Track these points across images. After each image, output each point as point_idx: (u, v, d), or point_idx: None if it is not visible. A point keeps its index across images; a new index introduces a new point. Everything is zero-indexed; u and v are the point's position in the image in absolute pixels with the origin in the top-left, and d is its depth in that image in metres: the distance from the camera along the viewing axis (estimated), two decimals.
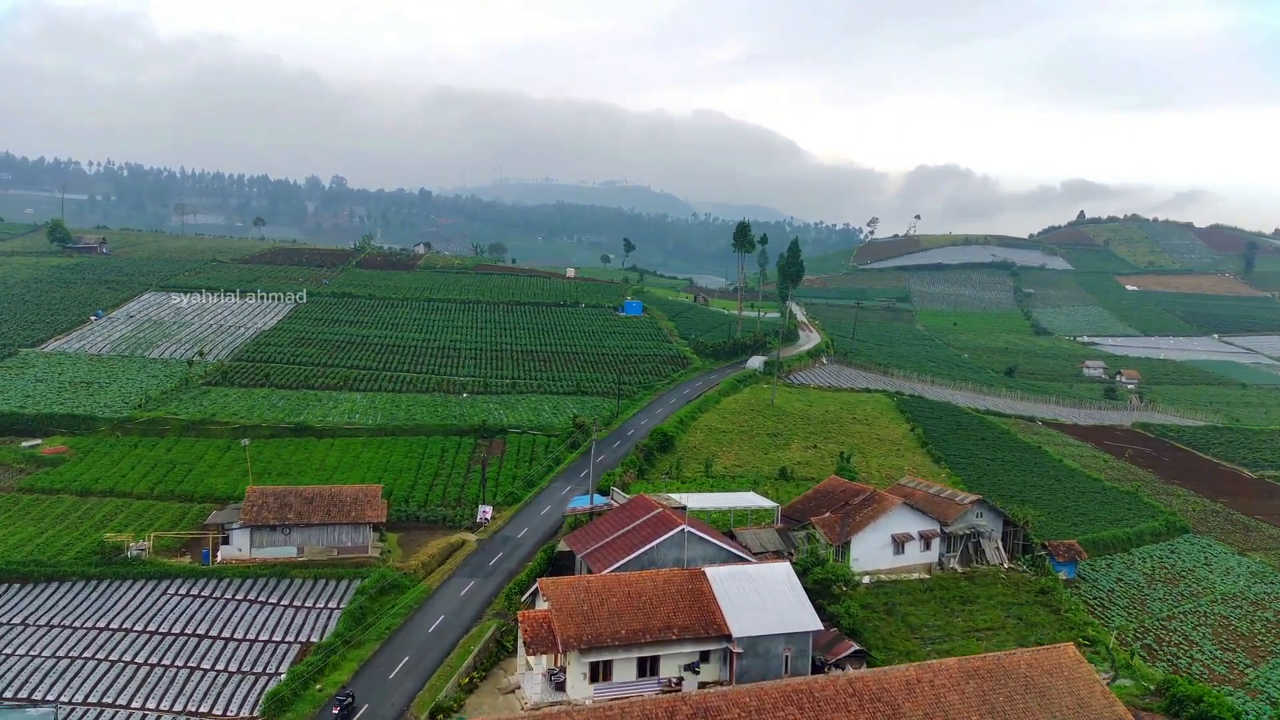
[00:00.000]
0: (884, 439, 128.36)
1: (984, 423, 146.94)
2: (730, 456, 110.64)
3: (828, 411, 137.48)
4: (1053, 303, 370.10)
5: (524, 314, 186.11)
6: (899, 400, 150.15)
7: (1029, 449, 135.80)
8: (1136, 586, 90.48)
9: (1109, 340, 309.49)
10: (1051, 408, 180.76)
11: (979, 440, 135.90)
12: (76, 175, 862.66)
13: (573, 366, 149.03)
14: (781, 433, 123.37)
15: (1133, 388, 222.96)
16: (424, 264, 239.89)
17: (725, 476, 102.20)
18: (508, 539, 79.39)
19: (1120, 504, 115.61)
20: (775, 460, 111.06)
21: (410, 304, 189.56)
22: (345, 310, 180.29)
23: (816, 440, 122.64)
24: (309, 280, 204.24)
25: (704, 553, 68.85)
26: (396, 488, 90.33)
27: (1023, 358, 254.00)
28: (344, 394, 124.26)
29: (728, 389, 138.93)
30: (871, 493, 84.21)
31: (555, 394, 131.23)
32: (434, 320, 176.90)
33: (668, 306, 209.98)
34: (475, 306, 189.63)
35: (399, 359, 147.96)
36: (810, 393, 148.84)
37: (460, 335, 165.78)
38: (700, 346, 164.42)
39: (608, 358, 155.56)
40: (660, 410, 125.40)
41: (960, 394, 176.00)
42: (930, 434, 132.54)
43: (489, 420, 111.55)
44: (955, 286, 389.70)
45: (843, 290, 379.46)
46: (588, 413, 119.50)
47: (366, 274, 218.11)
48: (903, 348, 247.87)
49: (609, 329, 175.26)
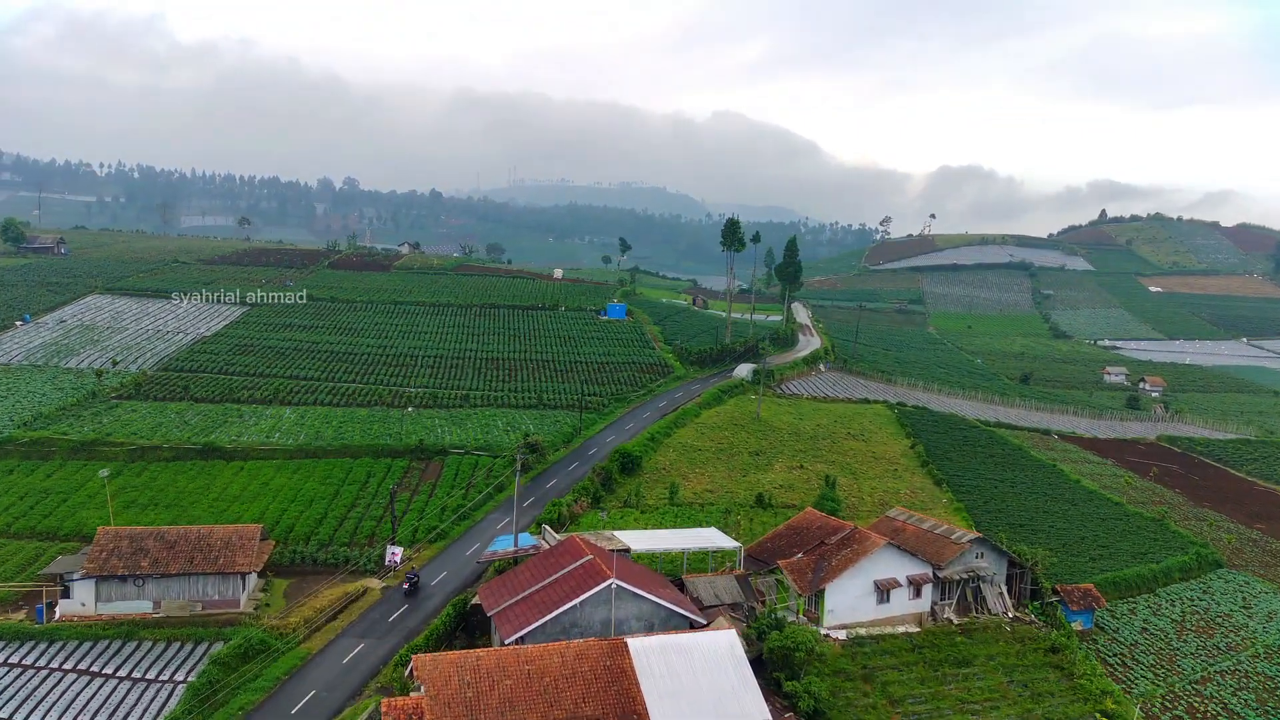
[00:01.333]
0: (880, 457, 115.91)
1: (993, 438, 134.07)
2: (702, 479, 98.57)
3: (819, 426, 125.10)
4: (1072, 305, 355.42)
5: (497, 318, 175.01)
6: (900, 413, 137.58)
7: (1042, 468, 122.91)
8: (1164, 638, 77.72)
9: (1131, 344, 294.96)
10: (1069, 419, 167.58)
11: (987, 458, 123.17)
12: (88, 178, 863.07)
13: (541, 376, 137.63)
14: (765, 451, 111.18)
15: (1157, 395, 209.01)
16: (401, 265, 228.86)
17: (693, 504, 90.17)
18: (420, 587, 67.61)
19: (1144, 533, 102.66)
20: (754, 484, 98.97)
21: (375, 307, 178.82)
22: (303, 314, 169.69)
23: (804, 459, 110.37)
24: (272, 281, 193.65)
25: (638, 611, 57.02)
26: (301, 521, 78.85)
27: (1039, 363, 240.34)
28: (272, 408, 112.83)
29: (710, 400, 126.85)
30: (852, 530, 71.97)
31: (514, 407, 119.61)
32: (396, 325, 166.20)
33: (657, 310, 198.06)
34: (445, 310, 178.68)
35: (347, 368, 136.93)
36: (802, 404, 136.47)
37: (422, 341, 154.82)
38: (684, 353, 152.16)
39: (581, 366, 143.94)
40: (631, 425, 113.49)
41: (969, 404, 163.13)
42: (932, 451, 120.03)
43: (427, 440, 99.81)
44: (970, 288, 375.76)
45: (853, 292, 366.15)
46: (547, 429, 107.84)
47: (337, 275, 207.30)
48: (911, 352, 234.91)
49: (588, 334, 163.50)
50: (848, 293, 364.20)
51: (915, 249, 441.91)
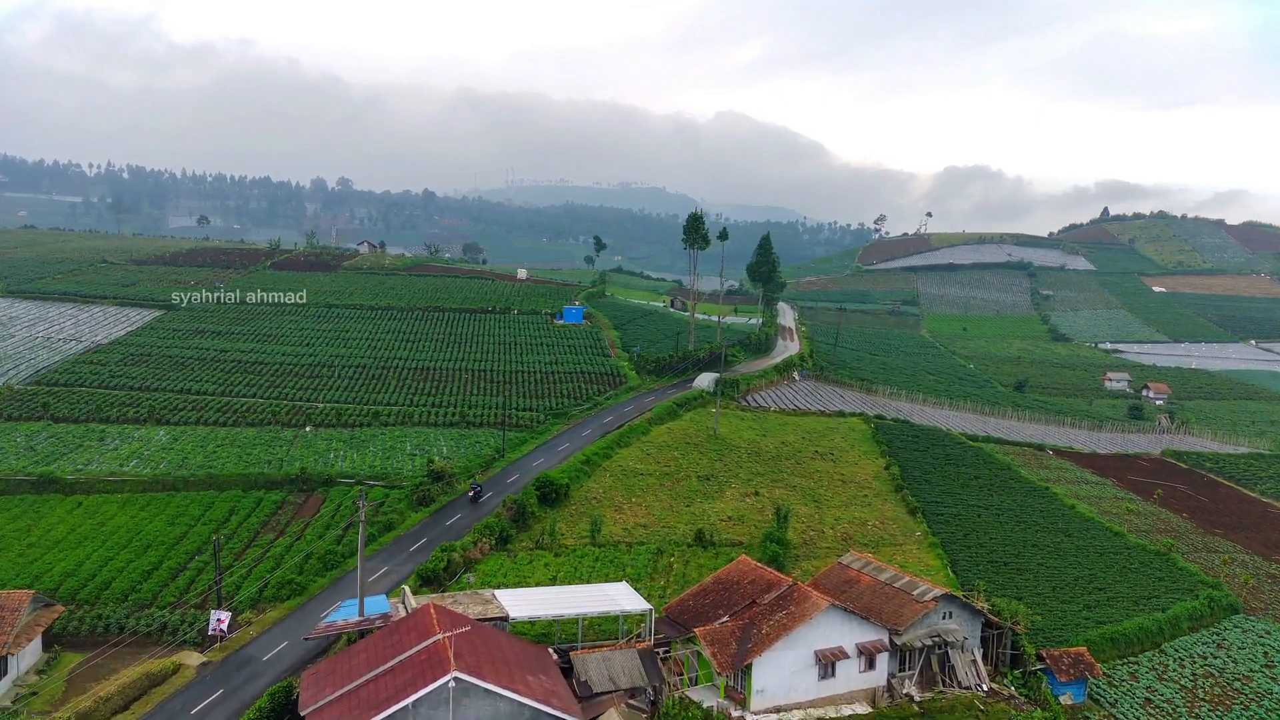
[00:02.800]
0: (849, 480, 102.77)
1: (980, 455, 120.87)
2: (638, 511, 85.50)
3: (784, 444, 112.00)
4: (1072, 305, 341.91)
5: (441, 322, 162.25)
6: (877, 427, 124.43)
7: (1033, 491, 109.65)
8: (1172, 711, 64.50)
9: (1134, 347, 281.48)
10: (1066, 431, 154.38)
11: (971, 480, 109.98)
12: (78, 178, 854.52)
13: (473, 388, 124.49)
14: (717, 474, 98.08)
15: (1161, 404, 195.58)
16: (350, 265, 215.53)
17: (620, 543, 77.12)
18: (247, 662, 54.48)
19: (1148, 571, 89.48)
20: (698, 516, 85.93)
21: (307, 310, 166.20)
22: (221, 318, 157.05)
23: (761, 484, 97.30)
24: (203, 282, 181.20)
25: (493, 712, 44.03)
26: (125, 575, 65.63)
27: (1036, 368, 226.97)
28: (145, 429, 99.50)
29: (662, 415, 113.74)
30: (790, 587, 58.90)
31: (433, 425, 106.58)
32: (325, 330, 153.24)
33: (623, 313, 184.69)
34: (383, 313, 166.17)
35: (251, 380, 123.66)
36: (768, 418, 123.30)
37: (348, 349, 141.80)
38: (642, 362, 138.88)
39: (522, 376, 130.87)
40: (566, 446, 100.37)
41: (957, 416, 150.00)
42: (909, 473, 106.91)
43: (312, 467, 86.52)
44: (967, 288, 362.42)
45: (845, 292, 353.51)
46: (466, 451, 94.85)
47: (278, 276, 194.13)
48: (900, 357, 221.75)
49: (537, 341, 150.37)
50: (839, 294, 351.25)
51: (911, 248, 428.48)
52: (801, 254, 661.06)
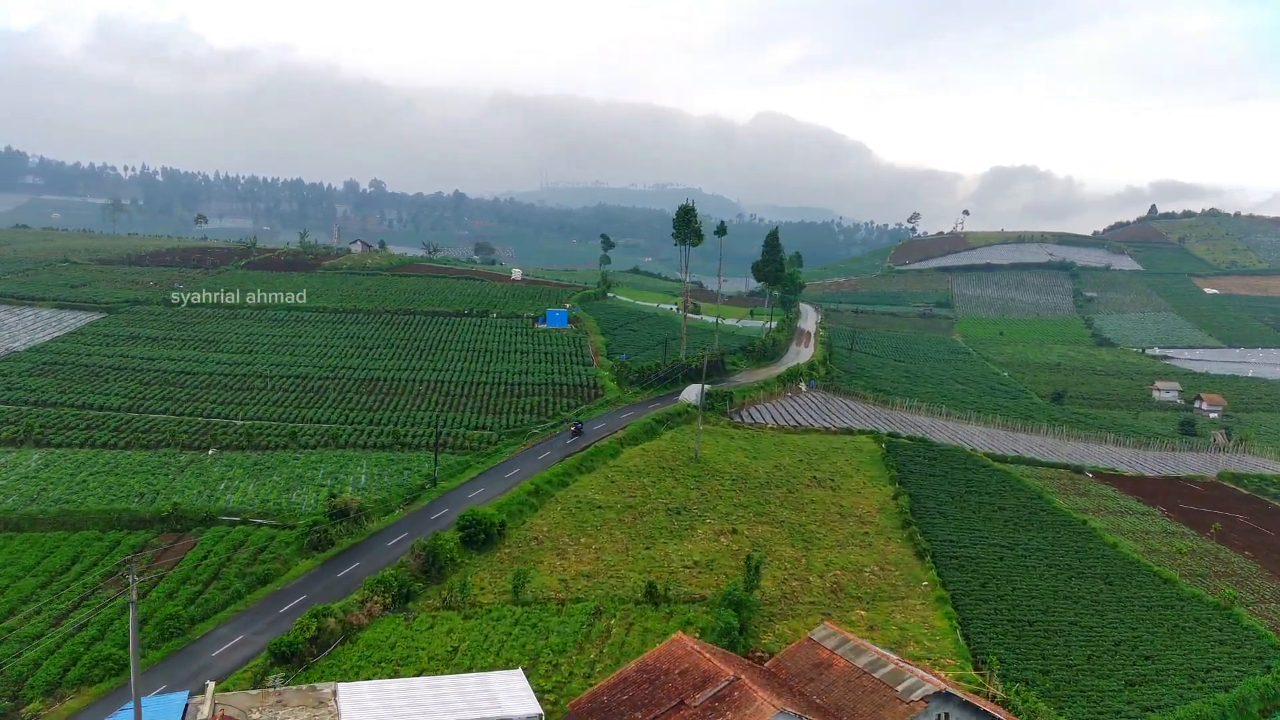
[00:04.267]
0: (849, 513, 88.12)
1: (1007, 481, 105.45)
2: (584, 556, 71.74)
3: (778, 468, 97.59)
4: (1118, 308, 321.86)
5: (408, 326, 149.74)
6: (889, 447, 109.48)
7: (1068, 525, 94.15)
8: None
9: (1184, 353, 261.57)
10: (1108, 450, 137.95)
11: (994, 511, 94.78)
12: (112, 180, 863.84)
13: (423, 402, 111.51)
14: (691, 507, 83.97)
15: (1216, 417, 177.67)
16: (330, 265, 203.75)
17: (548, 601, 63.30)
18: None
19: (1206, 631, 74.11)
20: (658, 560, 71.97)
21: (264, 313, 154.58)
22: (165, 323, 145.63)
23: (742, 518, 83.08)
24: (163, 283, 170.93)
25: None
26: None
27: (1077, 376, 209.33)
28: (18, 452, 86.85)
29: (638, 434, 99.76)
30: (729, 684, 44.79)
31: (361, 448, 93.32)
32: (275, 335, 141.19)
33: (618, 316, 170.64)
34: (348, 316, 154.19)
35: (170, 393, 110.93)
36: (763, 437, 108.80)
37: (295, 356, 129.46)
38: (623, 371, 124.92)
39: (483, 388, 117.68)
40: (515, 472, 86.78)
41: (984, 432, 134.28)
42: (922, 503, 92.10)
43: (186, 503, 73.46)
44: (1005, 289, 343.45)
45: (874, 294, 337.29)
46: (391, 480, 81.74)
47: (249, 275, 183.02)
48: (929, 364, 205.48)
49: (511, 347, 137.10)
50: (868, 295, 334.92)
51: (945, 247, 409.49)
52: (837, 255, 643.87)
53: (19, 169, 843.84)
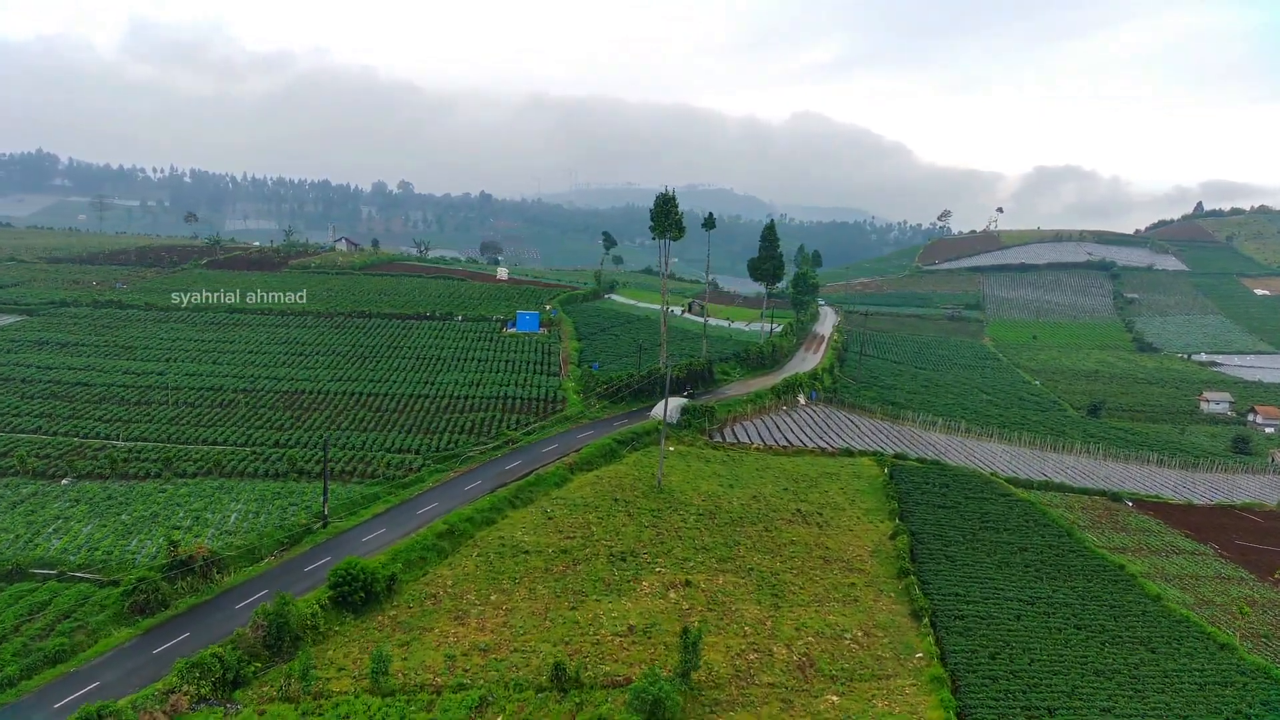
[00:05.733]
0: (836, 558, 73.54)
1: (1031, 513, 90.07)
2: (490, 620, 57.84)
3: (756, 498, 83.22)
4: (1161, 310, 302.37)
5: (359, 330, 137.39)
6: (893, 472, 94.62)
7: (1102, 570, 78.73)
8: None
9: (1233, 360, 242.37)
10: (1151, 472, 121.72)
11: (1014, 553, 79.58)
12: (142, 182, 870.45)
13: (346, 419, 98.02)
14: (641, 551, 69.85)
15: (1272, 432, 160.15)
16: (298, 264, 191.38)
17: (422, 688, 49.41)
18: None
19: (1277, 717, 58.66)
20: (583, 626, 57.97)
21: (199, 316, 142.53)
22: (86, 327, 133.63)
23: (703, 565, 68.85)
24: (104, 283, 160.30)
25: None
26: None
27: (1117, 385, 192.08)
28: None
29: (594, 457, 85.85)
30: None
31: (250, 476, 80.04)
32: (203, 341, 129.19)
33: (604, 319, 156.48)
34: (298, 319, 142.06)
35: (50, 409, 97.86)
36: (746, 459, 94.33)
37: (217, 365, 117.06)
38: (591, 382, 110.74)
39: (424, 402, 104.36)
40: (433, 506, 73.05)
41: (1008, 452, 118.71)
42: (926, 544, 77.32)
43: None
44: (1040, 291, 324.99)
45: (901, 295, 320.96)
46: (271, 517, 68.54)
47: (207, 275, 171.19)
48: (953, 371, 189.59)
49: (470, 354, 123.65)
50: (894, 296, 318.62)
51: (977, 246, 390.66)
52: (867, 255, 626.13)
53: (50, 171, 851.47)
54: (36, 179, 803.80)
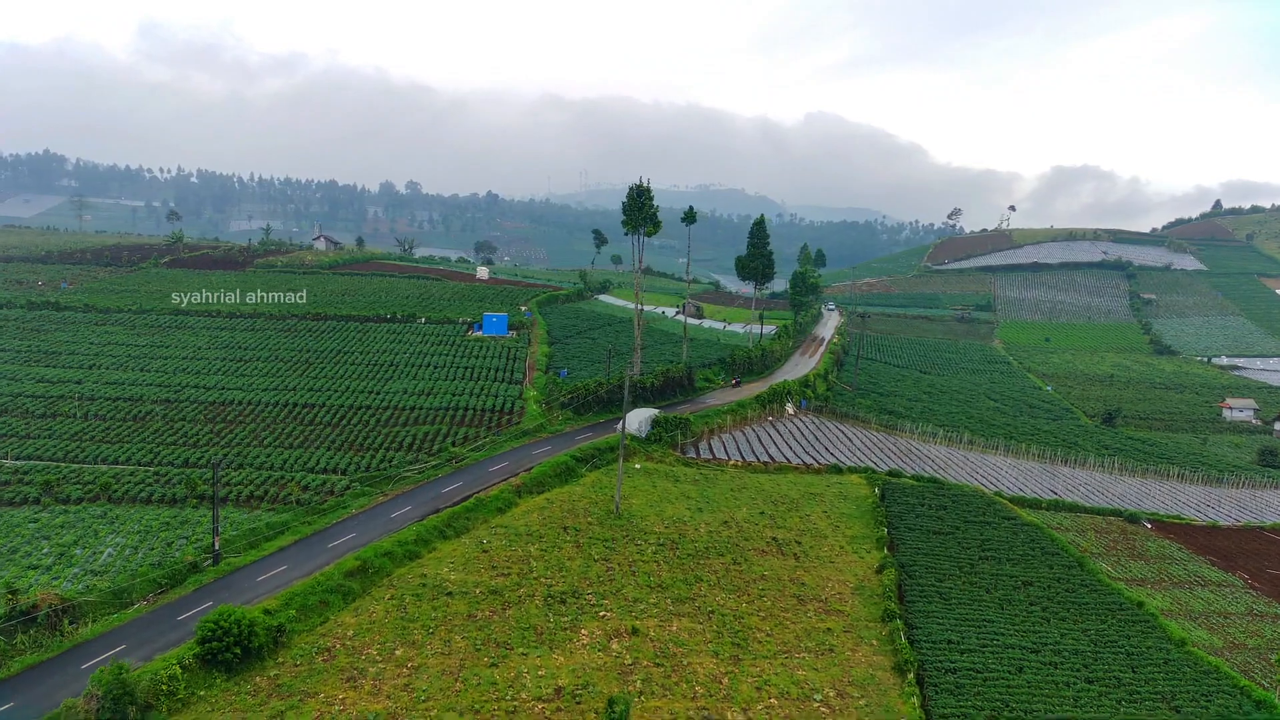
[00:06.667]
0: (812, 596, 64.37)
1: (1038, 539, 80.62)
2: (386, 684, 48.91)
3: (728, 524, 74.11)
4: (1179, 311, 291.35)
5: (312, 334, 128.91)
6: (885, 492, 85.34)
7: (1118, 609, 69.25)
8: None
9: (1255, 363, 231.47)
10: (1171, 488, 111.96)
11: (1018, 588, 70.26)
12: (149, 183, 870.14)
13: (269, 435, 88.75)
14: (585, 590, 60.84)
15: None
16: (264, 262, 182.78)
17: None
18: None
19: None
20: (501, 687, 49.00)
21: (143, 317, 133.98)
22: (9, 331, 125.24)
23: (654, 609, 59.79)
24: (49, 283, 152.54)
25: None
26: None
27: (1133, 391, 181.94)
28: None
29: (546, 477, 76.94)
30: None
31: (142, 502, 71.05)
32: (135, 346, 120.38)
33: (581, 321, 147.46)
34: (246, 322, 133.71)
35: None
36: (721, 478, 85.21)
37: (143, 374, 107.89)
38: (555, 391, 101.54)
39: (366, 414, 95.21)
40: (347, 539, 64.06)
41: (1015, 466, 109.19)
42: (916, 578, 68.11)
43: None
44: (1053, 291, 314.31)
45: (908, 295, 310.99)
46: (157, 551, 59.79)
47: (165, 274, 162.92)
48: (959, 376, 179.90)
49: (427, 360, 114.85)
50: (901, 297, 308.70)
51: (988, 245, 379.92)
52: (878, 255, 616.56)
53: (56, 172, 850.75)
54: (45, 180, 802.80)
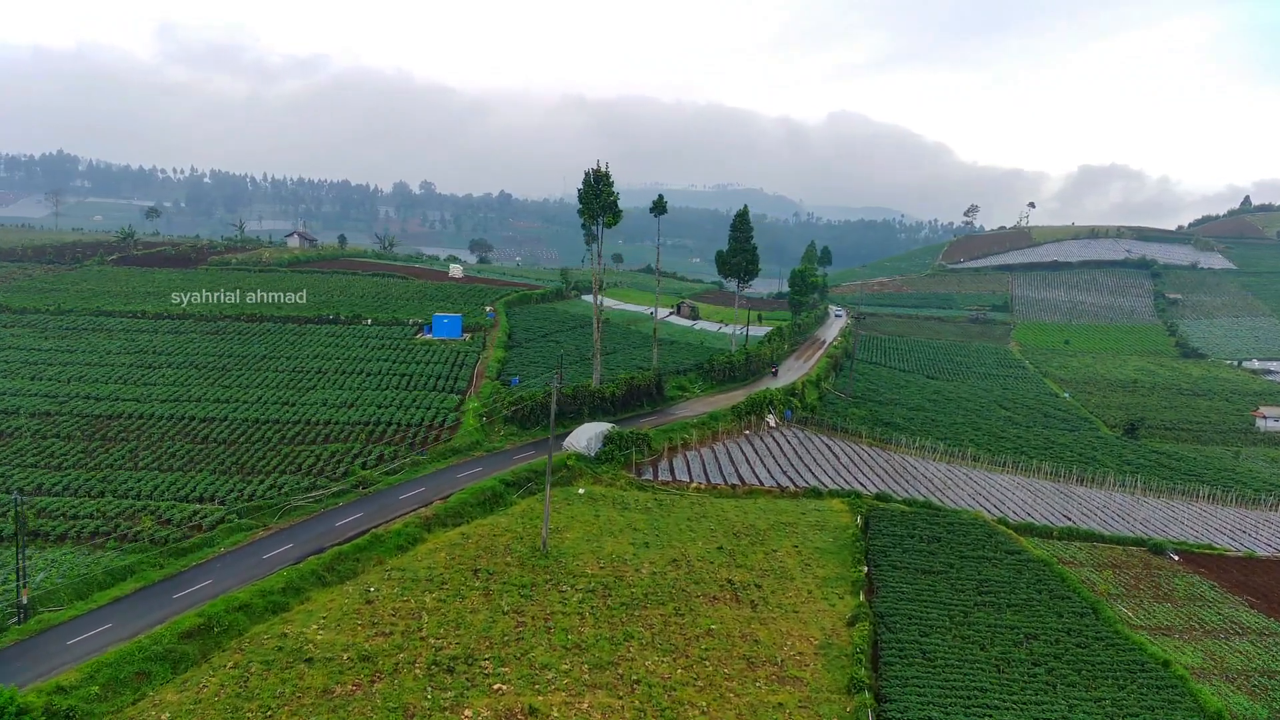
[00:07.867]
0: (765, 659, 53.15)
1: (1046, 578, 68.98)
2: None
3: (677, 563, 62.95)
4: (1207, 312, 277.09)
5: (241, 338, 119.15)
6: (868, 519, 73.92)
7: (1139, 670, 57.60)
8: None
9: None
10: (1200, 511, 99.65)
11: (1020, 641, 58.74)
12: (162, 183, 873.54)
13: (151, 454, 77.88)
14: (481, 654, 49.88)
15: None
16: (218, 260, 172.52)
17: None
18: None
19: None
20: None
21: (67, 318, 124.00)
22: None
23: (565, 677, 48.77)
24: None
25: None
26: None
27: (1158, 398, 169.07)
28: None
29: (468, 505, 66.14)
30: None
31: None
32: (41, 351, 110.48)
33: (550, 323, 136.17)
34: (172, 324, 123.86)
35: None
36: (680, 504, 74.03)
37: (32, 383, 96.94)
38: (498, 402, 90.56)
39: (267, 430, 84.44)
40: (201, 586, 53.47)
41: (1022, 486, 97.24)
42: (896, 632, 56.79)
43: None
44: (1074, 291, 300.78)
45: (921, 295, 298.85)
46: None
47: (110, 272, 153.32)
48: (969, 382, 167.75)
49: (361, 366, 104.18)
50: (914, 297, 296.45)
51: (1006, 243, 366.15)
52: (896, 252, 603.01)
53: (70, 173, 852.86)
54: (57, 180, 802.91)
